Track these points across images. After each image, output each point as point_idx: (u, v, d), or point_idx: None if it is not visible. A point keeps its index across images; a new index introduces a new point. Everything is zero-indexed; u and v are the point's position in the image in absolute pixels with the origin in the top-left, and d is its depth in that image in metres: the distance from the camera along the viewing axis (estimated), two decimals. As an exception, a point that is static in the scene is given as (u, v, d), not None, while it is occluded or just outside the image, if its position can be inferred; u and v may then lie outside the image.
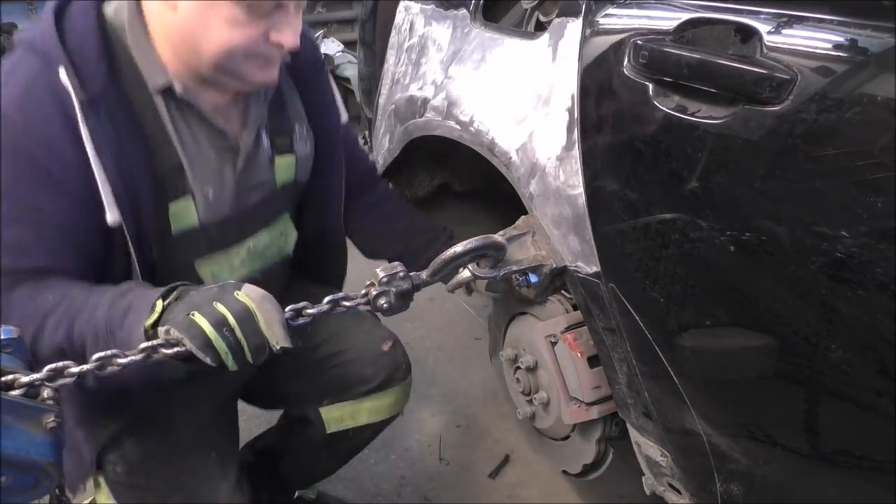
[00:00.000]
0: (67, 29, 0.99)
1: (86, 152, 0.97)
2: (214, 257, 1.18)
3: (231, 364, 0.91)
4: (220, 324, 0.90)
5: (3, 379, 0.81)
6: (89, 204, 0.99)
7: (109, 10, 1.04)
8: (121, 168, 1.00)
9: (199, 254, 1.16)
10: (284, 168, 1.23)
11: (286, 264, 1.36)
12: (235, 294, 0.93)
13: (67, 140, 0.96)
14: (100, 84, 0.99)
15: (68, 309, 0.98)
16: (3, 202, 0.97)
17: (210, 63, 1.00)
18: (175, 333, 0.89)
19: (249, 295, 0.94)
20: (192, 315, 0.90)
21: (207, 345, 0.89)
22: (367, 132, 2.00)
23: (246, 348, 0.91)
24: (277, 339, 0.94)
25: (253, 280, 1.03)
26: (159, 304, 0.93)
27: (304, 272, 1.44)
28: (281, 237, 1.30)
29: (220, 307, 0.91)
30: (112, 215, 1.00)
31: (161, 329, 0.91)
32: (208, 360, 0.90)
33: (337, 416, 1.39)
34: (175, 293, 0.95)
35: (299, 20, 1.04)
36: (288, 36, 1.01)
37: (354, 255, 1.48)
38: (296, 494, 1.71)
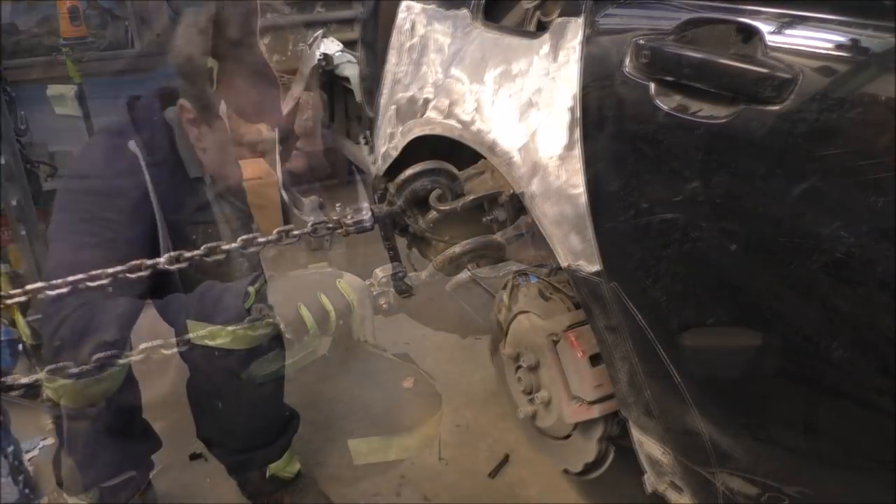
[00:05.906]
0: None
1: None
2: None
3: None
4: (322, 320, 1.03)
5: (2, 379, 0.81)
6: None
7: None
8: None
9: None
10: None
11: None
12: (338, 284, 1.06)
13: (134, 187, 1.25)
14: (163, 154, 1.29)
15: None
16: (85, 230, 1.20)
17: None
18: (279, 320, 1.04)
19: (351, 285, 1.06)
20: (300, 308, 1.03)
21: (303, 332, 1.04)
22: (367, 132, 2.00)
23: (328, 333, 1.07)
24: (365, 335, 1.07)
25: None
26: (251, 290, 1.07)
27: None
28: None
29: (326, 302, 1.04)
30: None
31: (264, 312, 1.06)
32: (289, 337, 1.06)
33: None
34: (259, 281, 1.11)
35: None
36: None
37: (355, 257, 1.48)
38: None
